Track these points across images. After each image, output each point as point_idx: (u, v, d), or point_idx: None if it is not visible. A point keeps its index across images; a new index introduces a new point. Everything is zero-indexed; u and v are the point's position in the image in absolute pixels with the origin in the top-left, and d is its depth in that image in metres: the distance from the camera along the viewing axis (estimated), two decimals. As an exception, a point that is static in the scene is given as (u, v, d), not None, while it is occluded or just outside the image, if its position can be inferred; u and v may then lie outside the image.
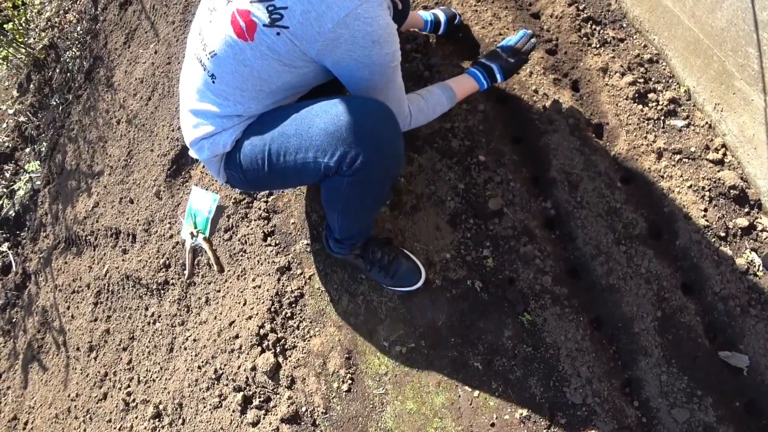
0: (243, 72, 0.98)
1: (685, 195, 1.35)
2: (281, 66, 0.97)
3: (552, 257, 1.32)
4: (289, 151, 0.99)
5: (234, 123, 1.07)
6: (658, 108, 1.46)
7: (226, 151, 1.10)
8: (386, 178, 1.05)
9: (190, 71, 1.09)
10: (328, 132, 0.94)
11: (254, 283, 1.47)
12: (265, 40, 0.92)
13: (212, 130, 1.07)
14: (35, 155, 2.64)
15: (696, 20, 1.33)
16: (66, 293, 2.15)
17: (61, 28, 2.83)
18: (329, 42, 0.90)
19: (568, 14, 1.59)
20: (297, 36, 0.91)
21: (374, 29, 0.91)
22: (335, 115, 0.94)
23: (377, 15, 0.91)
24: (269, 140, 1.02)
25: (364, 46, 0.92)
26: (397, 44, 1.00)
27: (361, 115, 0.94)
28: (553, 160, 1.38)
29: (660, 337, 1.23)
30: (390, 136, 0.98)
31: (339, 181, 1.00)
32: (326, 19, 0.87)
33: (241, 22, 0.92)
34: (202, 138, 1.10)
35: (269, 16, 0.89)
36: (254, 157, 1.05)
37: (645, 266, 1.29)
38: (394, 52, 0.99)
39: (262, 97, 1.04)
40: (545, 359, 1.23)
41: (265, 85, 1.01)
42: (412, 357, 1.29)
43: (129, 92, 2.21)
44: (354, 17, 0.88)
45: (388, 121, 0.98)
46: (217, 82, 1.01)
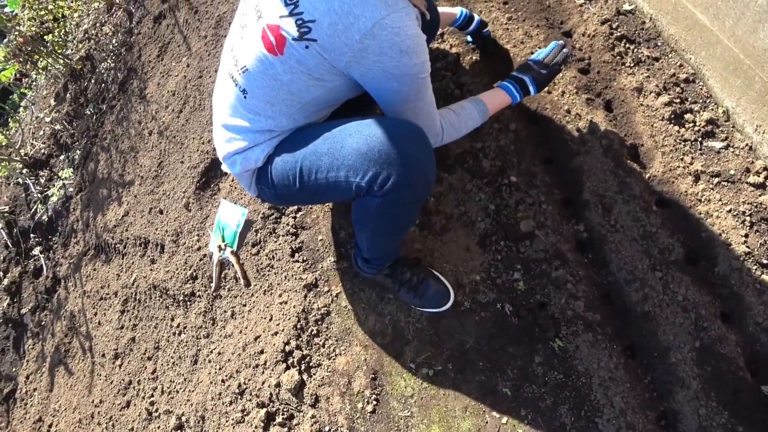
0: (273, 86, 1.00)
1: (724, 220, 1.30)
2: (311, 80, 0.98)
3: (585, 282, 1.28)
4: (320, 169, 0.99)
5: (266, 138, 1.08)
6: (695, 129, 1.42)
7: (258, 166, 1.11)
8: (417, 200, 1.04)
9: (223, 87, 1.11)
10: (360, 152, 0.94)
11: (281, 299, 1.48)
12: (294, 54, 0.93)
13: (244, 145, 1.09)
14: (69, 163, 2.72)
15: (736, 40, 1.29)
16: (94, 300, 2.20)
17: (97, 40, 2.93)
18: (357, 53, 0.91)
19: (600, 33, 1.56)
20: (325, 48, 0.91)
21: (402, 39, 0.91)
22: (368, 135, 0.94)
23: (405, 25, 0.91)
24: (301, 157, 1.02)
25: (392, 56, 0.92)
26: (426, 55, 0.99)
27: (393, 136, 0.93)
28: (586, 182, 1.35)
29: (698, 369, 1.18)
30: (421, 159, 0.97)
31: (370, 201, 1.00)
32: (353, 30, 0.88)
33: (271, 37, 0.94)
34: (234, 153, 1.11)
35: (298, 29, 0.91)
36: (286, 174, 1.06)
37: (682, 293, 1.25)
38: (423, 63, 0.99)
39: (292, 112, 1.05)
40: (577, 387, 1.19)
41: (295, 99, 1.02)
42: (439, 380, 1.27)
43: (161, 104, 2.27)
44: (381, 27, 0.88)
45: (421, 143, 0.97)
46: (249, 97, 1.03)
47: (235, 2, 2.22)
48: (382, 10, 0.87)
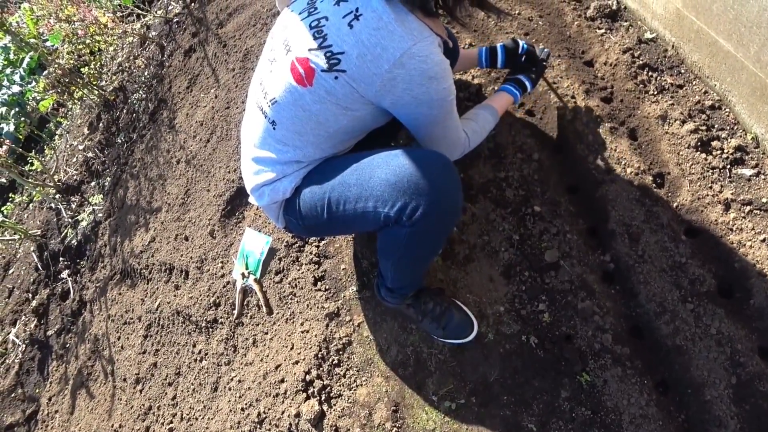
0: (302, 117, 1.03)
1: (758, 249, 1.26)
2: (339, 109, 1.01)
3: (612, 314, 1.25)
4: (349, 200, 1.01)
5: (294, 169, 1.10)
6: (723, 156, 1.39)
7: (285, 197, 1.13)
8: (445, 230, 1.05)
9: (251, 120, 1.14)
10: (389, 183, 0.95)
11: (302, 328, 1.48)
12: (324, 85, 0.97)
13: (273, 177, 1.11)
14: (99, 189, 2.82)
15: (762, 66, 1.28)
16: (118, 324, 2.23)
17: (130, 72, 3.07)
18: (386, 82, 0.94)
19: (623, 61, 1.57)
20: (354, 79, 0.95)
21: (429, 66, 0.94)
22: (397, 166, 0.96)
23: (431, 53, 0.94)
24: (329, 188, 1.04)
25: (421, 83, 0.96)
26: (452, 78, 1.03)
27: (421, 167, 0.95)
28: (612, 212, 1.33)
29: (736, 407, 1.13)
30: (450, 188, 0.98)
31: (397, 231, 1.01)
32: (382, 61, 0.92)
33: (300, 69, 0.98)
34: (262, 185, 1.14)
35: (327, 61, 0.95)
36: (314, 205, 1.07)
37: (716, 327, 1.20)
38: (450, 86, 1.03)
39: (320, 142, 1.07)
40: (606, 425, 1.15)
41: (322, 129, 1.04)
42: (462, 414, 1.24)
43: (189, 134, 2.34)
44: (409, 56, 0.92)
45: (449, 173, 0.98)
46: (278, 129, 1.06)
47: (262, 36, 2.31)
48: (409, 40, 0.91)
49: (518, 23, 1.74)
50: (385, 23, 0.91)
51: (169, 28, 3.00)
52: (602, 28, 1.69)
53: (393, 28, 0.91)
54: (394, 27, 0.91)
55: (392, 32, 0.91)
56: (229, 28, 2.54)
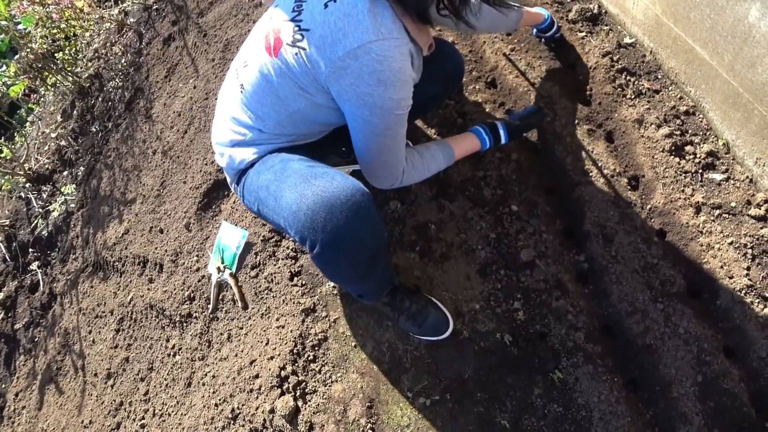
0: (264, 87, 1.03)
1: (725, 252, 1.30)
2: (296, 88, 1.00)
3: (585, 313, 1.27)
4: (269, 207, 1.02)
5: (254, 138, 1.09)
6: (695, 161, 1.43)
7: (240, 168, 1.12)
8: (356, 261, 0.99)
9: (227, 82, 1.17)
10: (291, 209, 0.93)
11: (278, 323, 1.46)
12: (286, 59, 0.97)
13: (237, 137, 1.11)
14: (72, 178, 2.73)
15: (735, 74, 1.31)
16: (89, 317, 2.17)
17: (107, 59, 2.98)
18: (336, 70, 0.91)
19: (602, 65, 1.59)
20: (310, 59, 0.93)
21: (383, 68, 0.90)
22: (301, 193, 0.92)
23: (391, 56, 0.90)
24: (264, 185, 1.03)
25: (369, 83, 0.91)
26: (408, 93, 0.98)
27: (328, 202, 0.89)
28: (587, 213, 1.35)
29: (701, 404, 1.16)
30: (353, 230, 0.91)
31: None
32: (338, 47, 0.89)
33: (271, 38, 0.99)
34: (224, 145, 1.14)
35: (293, 35, 0.94)
36: (250, 194, 1.09)
37: (684, 326, 1.23)
38: (401, 100, 0.96)
39: (281, 120, 1.06)
40: (577, 421, 1.17)
41: (282, 105, 1.04)
42: (436, 410, 1.24)
43: (166, 124, 2.29)
44: (365, 51, 0.88)
45: (356, 214, 0.91)
46: (244, 92, 1.08)
47: (244, 27, 2.26)
48: (371, 34, 0.87)
49: (501, 23, 1.74)
50: (358, 11, 0.88)
51: (148, 15, 2.93)
52: (583, 31, 1.71)
53: (362, 18, 0.87)
54: (364, 17, 0.87)
55: (359, 21, 0.87)
56: (209, 18, 2.49)
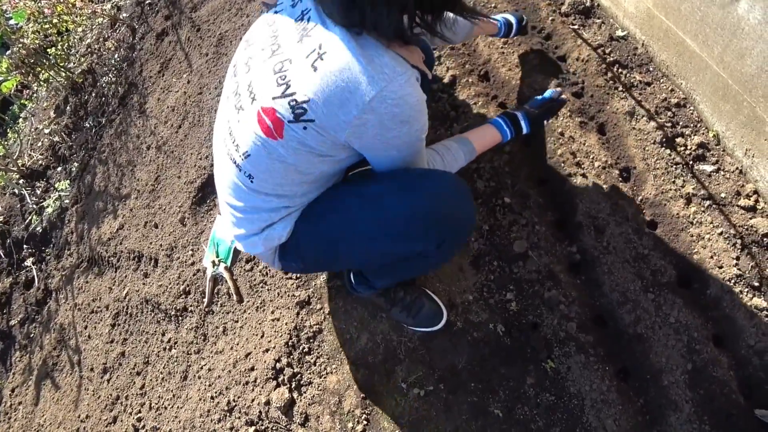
0: (279, 169, 0.94)
1: (715, 242, 1.31)
2: (316, 157, 0.93)
3: (577, 303, 1.29)
4: (363, 238, 0.97)
5: (283, 215, 1.02)
6: (686, 153, 1.44)
7: (281, 242, 1.05)
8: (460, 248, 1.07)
9: (226, 171, 1.03)
10: (407, 219, 0.92)
11: (273, 316, 1.47)
12: (295, 136, 0.88)
13: (262, 225, 1.03)
14: (66, 174, 2.72)
15: (725, 66, 1.32)
16: (85, 313, 2.17)
17: (99, 54, 2.97)
18: (356, 128, 0.86)
19: (594, 58, 1.60)
20: (323, 127, 0.86)
21: (403, 110, 0.85)
22: (413, 201, 0.92)
23: (405, 93, 0.84)
24: (336, 228, 0.99)
25: (393, 128, 0.88)
26: (426, 114, 0.94)
27: (440, 199, 0.93)
28: (579, 204, 1.36)
29: (691, 392, 1.17)
30: (469, 213, 0.98)
31: (418, 261, 1.02)
32: (351, 106, 0.82)
33: (267, 121, 0.89)
34: (252, 234, 1.05)
35: (293, 111, 0.85)
36: (318, 247, 1.03)
37: (674, 316, 1.25)
38: (424, 125, 0.94)
39: (305, 189, 1.00)
40: (569, 409, 1.18)
41: (304, 177, 0.97)
42: (430, 400, 1.26)
43: (160, 119, 2.28)
44: (380, 101, 0.82)
45: (465, 198, 0.97)
46: (256, 181, 0.97)
47: (237, 21, 2.26)
48: (380, 81, 0.81)
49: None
50: (352, 62, 0.81)
51: (141, 9, 2.91)
52: (576, 24, 1.71)
53: (360, 68, 0.81)
54: (363, 66, 0.81)
55: (360, 73, 0.81)
56: (203, 12, 2.48)
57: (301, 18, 0.90)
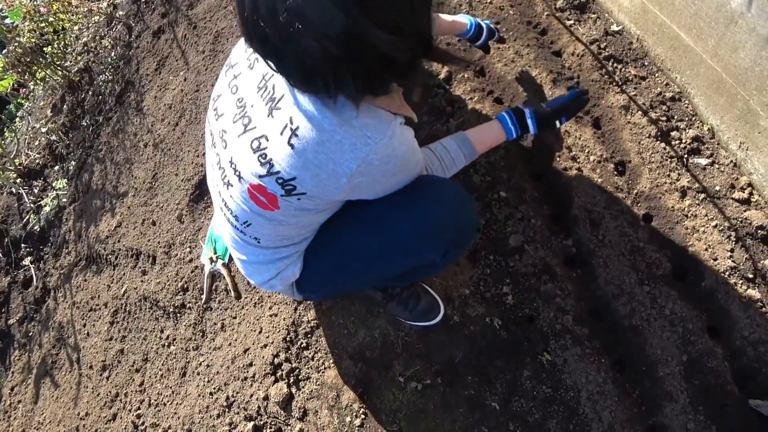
0: (283, 229, 0.95)
1: (710, 235, 1.32)
2: (316, 214, 0.94)
3: (573, 296, 1.29)
4: (369, 262, 0.99)
5: (293, 259, 1.06)
6: (681, 146, 1.45)
7: (296, 279, 1.10)
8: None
9: (228, 228, 1.04)
10: (409, 235, 0.93)
11: (271, 312, 1.47)
12: (291, 205, 0.88)
13: (276, 271, 1.06)
14: (63, 173, 2.72)
15: (719, 60, 1.33)
16: (83, 311, 2.18)
17: (96, 53, 2.96)
18: (350, 191, 0.85)
19: (589, 52, 1.60)
20: (317, 196, 0.86)
21: (393, 164, 0.84)
22: (412, 216, 0.93)
23: (392, 149, 0.82)
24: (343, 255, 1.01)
25: (387, 180, 0.88)
26: (419, 153, 0.94)
27: (440, 210, 0.93)
28: (575, 198, 1.37)
29: (686, 383, 1.18)
30: (470, 219, 1.00)
31: (426, 270, 1.04)
32: (339, 176, 0.81)
33: (260, 197, 0.88)
34: (269, 279, 1.08)
35: (282, 188, 0.84)
36: (329, 276, 1.06)
37: (669, 308, 1.26)
38: (418, 162, 0.94)
39: (309, 235, 1.03)
40: (565, 401, 1.19)
41: (307, 228, 1.00)
42: (428, 394, 1.26)
43: (157, 117, 2.29)
44: (367, 164, 0.80)
45: (465, 205, 0.98)
46: (263, 241, 1.00)
47: (234, 18, 2.26)
48: (363, 147, 0.78)
49: (489, 12, 1.75)
50: (329, 134, 0.78)
51: (137, 7, 2.91)
52: (571, 19, 1.71)
53: (338, 138, 0.78)
54: (341, 135, 0.78)
55: (340, 142, 0.78)
56: (199, 10, 2.48)
57: (264, 84, 0.86)
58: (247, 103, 0.88)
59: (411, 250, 0.95)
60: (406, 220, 0.93)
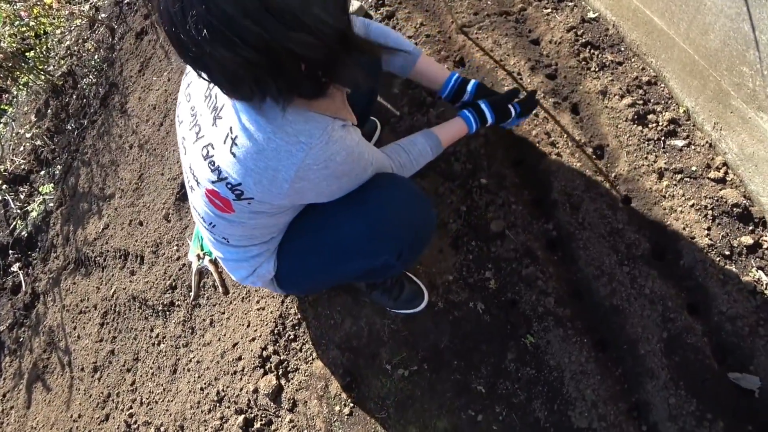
0: (244, 229, 0.98)
1: (687, 214, 1.34)
2: (273, 217, 0.96)
3: (554, 279, 1.31)
4: (329, 263, 1.01)
5: (266, 256, 1.09)
6: (658, 129, 1.47)
7: (272, 276, 1.12)
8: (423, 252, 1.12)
9: (202, 229, 1.08)
10: (363, 236, 0.95)
11: (258, 305, 1.48)
12: (244, 209, 0.90)
13: (252, 269, 1.10)
14: (49, 178, 2.71)
15: (690, 42, 1.35)
16: (73, 313, 2.17)
17: (79, 56, 2.95)
18: (293, 195, 0.86)
19: (566, 40, 1.62)
20: (264, 200, 0.87)
21: (333, 168, 0.84)
22: (366, 217, 0.94)
23: (330, 154, 0.82)
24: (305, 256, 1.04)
25: (330, 184, 0.88)
26: (366, 153, 0.91)
27: (392, 209, 0.94)
28: (554, 182, 1.39)
29: (667, 359, 1.21)
30: (424, 218, 1.01)
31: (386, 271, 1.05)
32: (280, 181, 0.82)
33: (216, 201, 0.91)
34: (247, 276, 1.12)
35: (232, 192, 0.86)
36: (300, 274, 1.09)
37: (649, 287, 1.28)
38: (366, 163, 0.92)
39: (275, 234, 1.05)
40: (549, 382, 1.21)
41: (269, 229, 1.02)
42: (415, 380, 1.28)
43: (142, 118, 2.28)
44: (305, 170, 0.81)
45: (418, 203, 1.00)
46: (232, 240, 1.03)
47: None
48: (299, 153, 0.79)
49: (468, 2, 1.77)
50: (265, 143, 0.79)
51: (119, 9, 2.90)
52: (548, 7, 1.73)
53: (274, 145, 0.78)
54: (275, 143, 0.78)
55: (276, 150, 0.79)
56: (181, 9, 2.47)
57: (209, 93, 0.88)
58: (198, 112, 0.90)
59: (364, 251, 0.96)
60: (356, 222, 0.94)
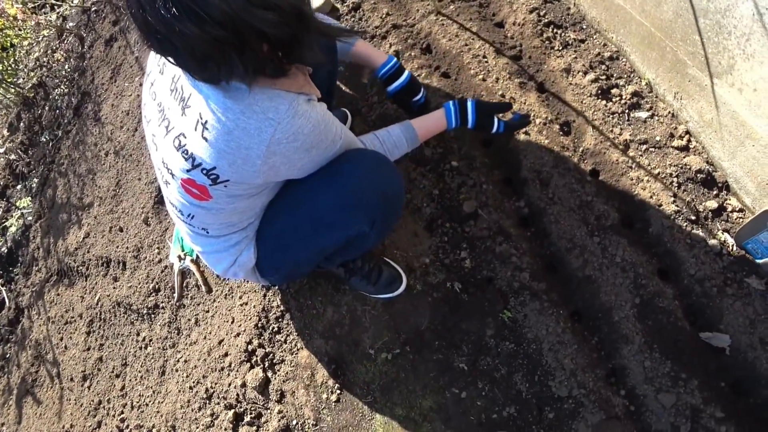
0: (224, 215, 1.00)
1: (653, 183, 1.38)
2: (250, 198, 0.98)
3: (528, 254, 1.34)
4: (306, 238, 1.04)
5: (246, 243, 1.10)
6: (621, 102, 1.50)
7: (253, 264, 1.13)
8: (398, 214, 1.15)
9: (180, 224, 1.09)
10: (339, 206, 0.98)
11: (241, 301, 1.49)
12: (221, 193, 0.92)
13: (233, 258, 1.11)
14: (26, 191, 2.68)
15: (646, 15, 1.38)
16: (59, 325, 2.16)
17: (49, 67, 2.92)
18: (267, 171, 0.89)
19: (529, 20, 1.65)
20: (240, 181, 0.90)
21: (302, 141, 0.88)
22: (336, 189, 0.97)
23: (298, 127, 0.85)
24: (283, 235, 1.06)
25: (302, 157, 0.91)
26: (332, 125, 0.95)
27: (364, 181, 0.98)
28: (524, 160, 1.42)
29: (640, 324, 1.24)
30: (393, 188, 1.04)
31: (362, 241, 1.08)
32: (253, 158, 0.85)
33: (193, 190, 0.93)
34: (229, 267, 1.13)
35: (208, 177, 0.89)
36: (278, 256, 1.11)
37: (620, 255, 1.31)
38: (334, 136, 0.96)
39: (253, 219, 1.07)
40: (528, 354, 1.24)
41: (247, 213, 1.04)
42: (398, 363, 1.30)
43: (116, 125, 2.27)
44: (276, 144, 0.84)
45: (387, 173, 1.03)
46: (211, 231, 1.04)
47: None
48: (268, 129, 0.83)
49: (431, -11, 1.78)
50: (232, 123, 0.82)
51: (87, 17, 2.87)
52: (511, -10, 1.76)
53: (243, 125, 0.82)
54: (244, 122, 0.82)
55: (245, 129, 0.82)
56: (148, 13, 2.45)
57: (174, 87, 0.90)
58: (165, 107, 0.93)
59: (338, 223, 0.99)
60: (328, 194, 0.97)
